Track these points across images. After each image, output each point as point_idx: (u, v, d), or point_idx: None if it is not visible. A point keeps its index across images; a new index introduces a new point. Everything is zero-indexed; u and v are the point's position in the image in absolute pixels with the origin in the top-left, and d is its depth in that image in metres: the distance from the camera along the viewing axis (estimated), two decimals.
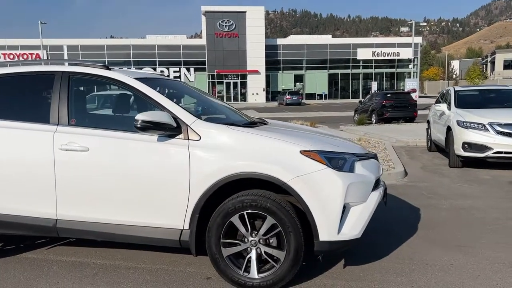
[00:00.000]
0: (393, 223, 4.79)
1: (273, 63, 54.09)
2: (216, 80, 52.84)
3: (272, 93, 54.27)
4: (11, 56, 50.61)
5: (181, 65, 52.83)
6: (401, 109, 19.78)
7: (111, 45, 53.14)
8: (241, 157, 3.09)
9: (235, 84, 53.38)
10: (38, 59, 44.41)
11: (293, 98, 44.68)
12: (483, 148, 7.67)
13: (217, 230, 3.12)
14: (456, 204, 5.59)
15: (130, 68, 50.91)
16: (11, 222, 3.45)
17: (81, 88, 3.60)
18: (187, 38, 57.58)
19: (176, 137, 3.20)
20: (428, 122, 11.15)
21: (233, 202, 3.09)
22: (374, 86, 52.89)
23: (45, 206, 3.39)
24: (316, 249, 3.04)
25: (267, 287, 3.08)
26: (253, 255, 3.12)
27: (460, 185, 6.82)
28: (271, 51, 53.39)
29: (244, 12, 51.37)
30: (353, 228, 3.09)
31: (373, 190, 3.29)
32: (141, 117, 3.08)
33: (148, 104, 3.41)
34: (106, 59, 51.64)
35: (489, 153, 7.64)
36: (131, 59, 52.29)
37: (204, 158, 3.13)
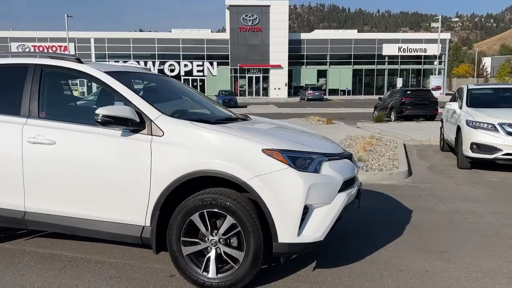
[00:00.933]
0: (378, 225, 4.64)
1: (296, 58, 53.72)
2: (238, 75, 52.91)
3: (294, 88, 53.99)
4: (41, 48, 52.00)
5: (204, 59, 53.11)
6: (421, 107, 19.27)
7: (137, 38, 53.85)
8: (202, 154, 3.02)
9: (257, 78, 53.31)
10: (65, 51, 45.49)
11: (315, 93, 44.25)
12: (492, 149, 7.36)
13: (177, 228, 3.07)
14: (453, 207, 5.37)
15: (154, 61, 51.61)
16: None
17: (53, 81, 3.58)
18: (211, 32, 57.73)
19: (140, 132, 3.16)
20: (442, 120, 10.81)
21: (194, 200, 3.02)
22: (400, 82, 51.99)
23: (14, 198, 3.42)
24: (274, 251, 2.95)
25: (226, 287, 3.01)
26: (212, 254, 3.05)
27: (463, 187, 6.57)
28: (294, 46, 53.03)
29: (268, 6, 51.13)
30: (316, 230, 2.98)
31: (342, 191, 3.17)
32: (101, 111, 3.04)
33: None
34: (131, 52, 52.53)
35: (498, 155, 7.32)
36: (156, 53, 52.89)
37: (166, 155, 3.08)
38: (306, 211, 2.99)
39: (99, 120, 3.04)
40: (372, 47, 54.79)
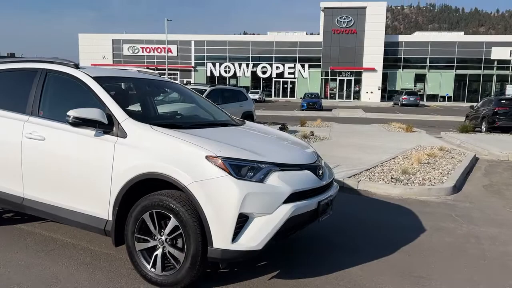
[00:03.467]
0: (371, 242, 4.40)
1: (392, 61, 51.54)
2: (329, 77, 52.30)
3: (388, 92, 51.86)
4: (147, 50, 56.68)
5: (296, 62, 53.36)
6: None
7: (233, 41, 55.92)
8: (152, 157, 3.19)
9: (349, 81, 52.15)
10: (169, 52, 48.98)
11: (410, 98, 42.05)
12: None
13: (132, 225, 3.29)
14: (476, 232, 4.87)
15: (248, 63, 53.12)
16: None
17: (53, 84, 3.99)
18: (306, 34, 57.74)
19: (109, 133, 3.43)
20: None
21: (145, 200, 3.22)
22: (510, 89, 47.10)
23: (16, 185, 3.91)
24: (209, 255, 3.01)
25: (168, 285, 3.16)
26: (159, 252, 3.21)
27: (509, 211, 5.88)
28: (391, 48, 50.92)
29: (365, 7, 49.76)
30: (252, 239, 2.99)
31: (289, 202, 3.11)
32: (72, 113, 3.36)
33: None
34: (227, 55, 54.76)
35: None
36: (250, 55, 54.43)
37: (125, 156, 3.30)
38: (246, 220, 3.01)
39: (70, 121, 3.38)
40: (479, 50, 50.39)
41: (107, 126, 3.42)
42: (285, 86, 54.28)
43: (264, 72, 54.27)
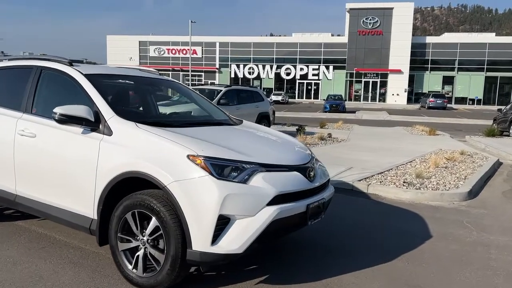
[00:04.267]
0: (371, 247, 4.21)
1: (419, 63, 50.42)
2: (354, 79, 51.59)
3: (415, 95, 50.71)
4: (173, 51, 57.35)
5: (320, 63, 52.89)
6: None
7: (257, 43, 55.88)
8: (135, 155, 3.13)
9: (374, 83, 51.30)
10: (193, 54, 49.41)
11: (437, 101, 40.98)
12: None
13: (115, 224, 3.23)
14: (485, 240, 4.61)
15: (272, 65, 52.98)
16: None
17: (47, 81, 4.00)
18: (331, 36, 57.14)
19: (96, 131, 3.39)
20: None
21: (128, 199, 3.16)
22: None
23: (8, 182, 3.93)
24: (188, 258, 2.92)
25: (148, 287, 3.08)
26: (141, 253, 3.14)
27: None
28: (418, 50, 49.82)
29: (391, 8, 48.87)
30: (233, 242, 2.88)
31: (274, 204, 2.99)
32: (58, 110, 3.34)
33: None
34: (251, 56, 54.76)
35: None
36: (274, 57, 54.29)
37: (109, 154, 3.25)
38: (227, 221, 2.91)
39: (56, 118, 3.35)
40: (511, 52, 48.64)
41: (94, 124, 3.38)
42: (309, 87, 53.87)
43: (288, 74, 54.03)
